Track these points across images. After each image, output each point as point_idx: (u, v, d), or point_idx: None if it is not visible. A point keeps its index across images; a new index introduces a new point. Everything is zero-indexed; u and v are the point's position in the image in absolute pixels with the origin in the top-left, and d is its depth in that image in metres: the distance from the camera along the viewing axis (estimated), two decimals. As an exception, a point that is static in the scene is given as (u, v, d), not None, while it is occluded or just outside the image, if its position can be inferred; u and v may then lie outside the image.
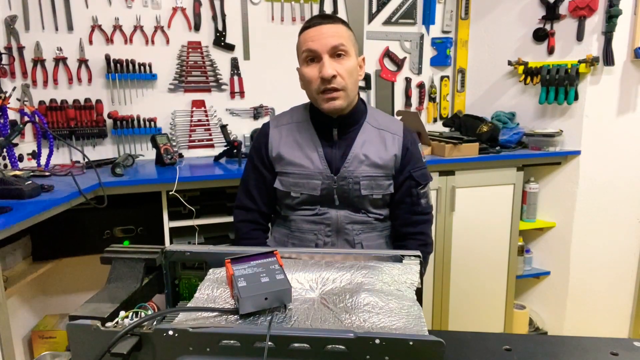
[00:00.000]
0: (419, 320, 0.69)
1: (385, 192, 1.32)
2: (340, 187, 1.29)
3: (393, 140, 1.31)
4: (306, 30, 1.24)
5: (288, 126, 1.35)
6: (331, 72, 1.19)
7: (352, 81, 1.24)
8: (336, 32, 1.21)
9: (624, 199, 2.34)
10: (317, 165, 1.29)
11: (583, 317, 2.42)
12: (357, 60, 1.27)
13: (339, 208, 1.31)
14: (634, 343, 0.92)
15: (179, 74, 2.31)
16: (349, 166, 1.28)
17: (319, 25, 1.21)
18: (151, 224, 1.99)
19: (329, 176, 1.28)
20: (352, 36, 1.26)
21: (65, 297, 2.23)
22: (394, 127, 1.34)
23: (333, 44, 1.20)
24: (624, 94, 2.25)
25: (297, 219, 1.34)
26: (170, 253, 0.91)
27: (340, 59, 1.21)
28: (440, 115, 2.78)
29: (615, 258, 2.39)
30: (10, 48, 2.06)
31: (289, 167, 1.31)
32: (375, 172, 1.29)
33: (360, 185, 1.28)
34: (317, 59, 1.22)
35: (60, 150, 2.19)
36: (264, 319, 0.69)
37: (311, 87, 1.25)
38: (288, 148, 1.32)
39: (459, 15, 2.68)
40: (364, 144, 1.30)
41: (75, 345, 0.66)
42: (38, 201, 1.48)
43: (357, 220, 1.32)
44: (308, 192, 1.30)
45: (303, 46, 1.24)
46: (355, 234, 1.32)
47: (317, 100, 1.26)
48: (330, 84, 1.20)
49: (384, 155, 1.30)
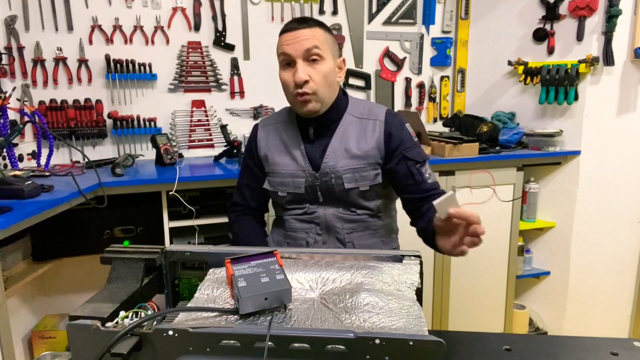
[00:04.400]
0: (419, 320, 0.69)
1: (373, 183, 1.29)
2: (324, 183, 1.29)
3: (374, 127, 1.29)
4: (283, 34, 1.25)
5: (274, 126, 1.38)
6: (303, 77, 1.20)
7: (326, 85, 1.24)
8: (311, 36, 1.21)
9: (624, 199, 2.34)
10: (300, 163, 1.31)
11: (583, 317, 2.42)
12: (334, 63, 1.27)
13: (326, 205, 1.32)
14: (634, 343, 0.92)
15: (179, 74, 2.31)
16: (328, 161, 1.28)
17: (295, 30, 1.22)
18: (151, 224, 1.99)
19: (310, 173, 1.30)
20: (329, 39, 1.26)
21: (65, 297, 2.23)
22: (375, 113, 1.32)
23: (306, 47, 1.21)
24: (624, 94, 2.25)
25: (289, 218, 1.36)
26: (170, 253, 0.91)
27: (315, 64, 1.22)
28: (440, 115, 2.78)
29: (615, 258, 2.39)
30: (10, 48, 2.06)
31: (275, 167, 1.34)
32: (357, 163, 1.28)
33: (342, 179, 1.27)
34: (292, 63, 1.23)
35: (60, 150, 2.19)
36: (264, 319, 0.69)
37: (287, 91, 1.27)
38: (273, 148, 1.35)
39: (459, 15, 2.68)
40: (343, 137, 1.30)
41: (75, 345, 0.66)
42: (38, 201, 1.47)
43: (346, 218, 1.31)
44: (293, 190, 1.31)
45: (279, 50, 1.26)
46: (345, 232, 1.32)
47: (293, 104, 1.30)
48: (302, 88, 1.22)
49: (363, 145, 1.28)
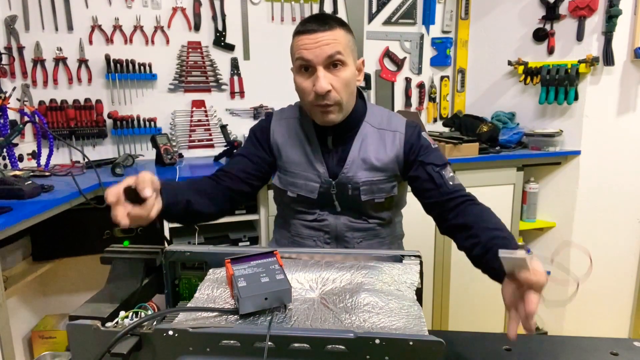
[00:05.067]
0: (419, 320, 0.69)
1: (389, 195, 1.24)
2: (340, 193, 1.23)
3: (394, 139, 1.22)
4: (301, 36, 1.13)
5: (290, 120, 1.28)
6: (326, 87, 1.10)
7: (348, 93, 1.15)
8: (333, 40, 1.10)
9: (624, 199, 2.34)
10: (317, 168, 1.23)
11: (583, 317, 2.42)
12: (355, 65, 1.17)
13: (340, 214, 1.26)
14: (634, 343, 0.92)
15: (179, 74, 2.31)
16: (347, 172, 1.21)
17: (315, 32, 1.10)
18: (151, 223, 1.98)
19: (327, 180, 1.22)
20: (350, 40, 1.16)
21: (65, 297, 2.23)
22: (395, 125, 1.24)
23: (329, 53, 1.10)
24: (624, 94, 2.25)
25: (297, 223, 1.29)
26: (170, 253, 0.91)
27: (337, 70, 1.12)
28: (440, 115, 2.78)
29: (615, 258, 2.39)
30: (10, 48, 2.06)
31: (288, 165, 1.26)
32: (375, 175, 1.22)
33: (360, 191, 1.21)
34: (312, 69, 1.12)
35: (60, 150, 2.19)
36: (264, 319, 0.69)
37: (304, 98, 1.17)
38: (288, 143, 1.26)
39: (459, 15, 2.68)
40: (362, 147, 1.22)
41: (75, 345, 0.66)
42: (38, 201, 1.48)
43: (357, 227, 1.26)
44: (305, 193, 1.24)
45: (296, 53, 1.13)
46: (356, 242, 1.26)
47: (311, 112, 1.19)
48: (325, 99, 1.12)
49: (383, 156, 1.22)
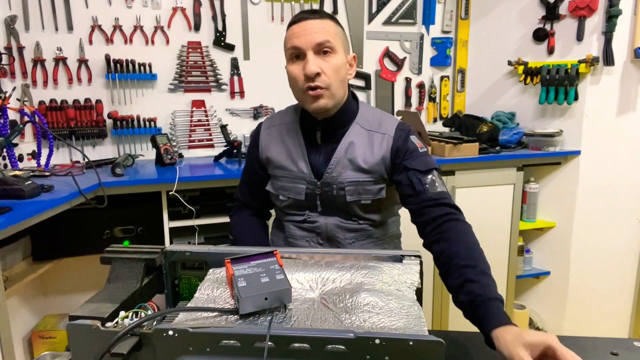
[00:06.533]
0: (419, 320, 0.69)
1: (375, 197, 1.23)
2: (325, 193, 1.23)
3: (382, 141, 1.22)
4: (292, 26, 1.16)
5: (278, 127, 1.31)
6: (315, 69, 1.12)
7: (338, 79, 1.16)
8: (322, 28, 1.13)
9: (624, 199, 2.34)
10: (302, 169, 1.24)
11: (583, 317, 2.42)
12: (345, 57, 1.19)
13: (327, 215, 1.25)
14: (634, 343, 0.92)
15: (179, 74, 2.31)
16: (332, 172, 1.22)
17: (305, 20, 1.14)
18: (151, 224, 1.99)
19: (312, 181, 1.23)
20: (340, 32, 1.19)
21: (65, 297, 2.23)
22: (385, 127, 1.24)
23: (318, 40, 1.12)
24: (624, 94, 2.25)
25: (289, 224, 1.31)
26: (170, 253, 0.91)
27: (326, 56, 1.14)
28: (440, 115, 2.78)
29: (615, 258, 2.39)
30: (10, 48, 2.06)
31: (277, 171, 1.28)
32: (362, 177, 1.21)
33: (345, 191, 1.21)
34: (302, 56, 1.14)
35: (60, 150, 2.19)
36: (264, 319, 0.69)
37: (296, 86, 1.18)
38: (276, 151, 1.28)
39: (459, 15, 2.68)
40: (349, 148, 1.22)
41: (75, 345, 0.66)
42: (38, 201, 1.48)
43: (348, 228, 1.26)
44: (294, 196, 1.25)
45: (288, 43, 1.17)
46: (348, 242, 1.26)
47: (301, 100, 1.20)
48: (314, 82, 1.13)
49: (370, 158, 1.21)
